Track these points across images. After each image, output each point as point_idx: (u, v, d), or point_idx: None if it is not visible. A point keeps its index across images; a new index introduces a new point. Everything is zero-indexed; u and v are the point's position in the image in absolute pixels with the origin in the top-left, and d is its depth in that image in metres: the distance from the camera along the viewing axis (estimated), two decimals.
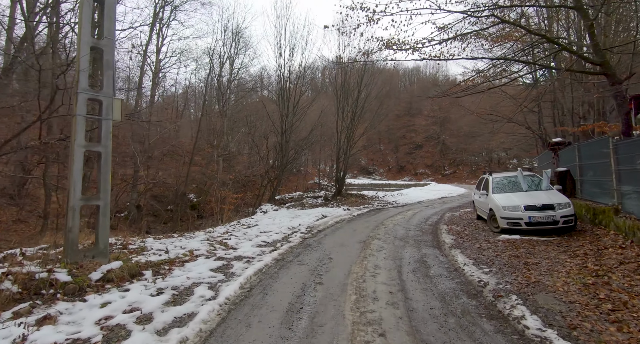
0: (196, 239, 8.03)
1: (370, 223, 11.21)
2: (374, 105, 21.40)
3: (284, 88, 19.80)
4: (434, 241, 8.28)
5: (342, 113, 19.71)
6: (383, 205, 18.86)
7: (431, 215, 13.02)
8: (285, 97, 19.61)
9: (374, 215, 13.34)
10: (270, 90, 27.67)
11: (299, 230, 9.63)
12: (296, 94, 19.96)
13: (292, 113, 19.73)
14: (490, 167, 53.89)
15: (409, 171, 64.86)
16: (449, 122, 60.49)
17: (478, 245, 7.47)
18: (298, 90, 19.96)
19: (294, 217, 12.77)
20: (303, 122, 21.51)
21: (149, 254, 6.34)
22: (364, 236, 8.87)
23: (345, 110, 19.87)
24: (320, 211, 14.71)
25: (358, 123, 19.96)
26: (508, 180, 9.48)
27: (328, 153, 37.69)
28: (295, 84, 19.88)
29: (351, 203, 19.04)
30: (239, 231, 9.62)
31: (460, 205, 17.68)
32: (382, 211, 14.72)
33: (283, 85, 19.77)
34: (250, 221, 12.04)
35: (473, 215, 11.96)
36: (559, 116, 16.78)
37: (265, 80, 27.28)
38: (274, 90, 21.62)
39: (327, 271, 5.79)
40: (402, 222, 11.20)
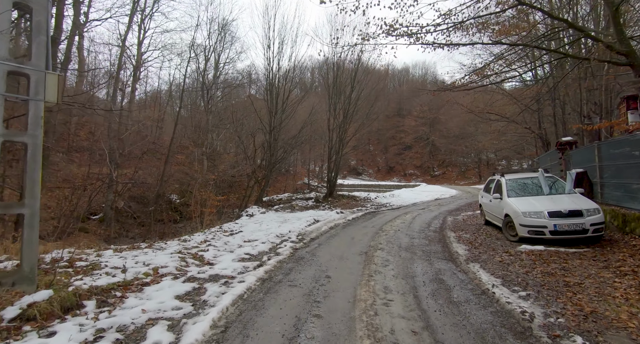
0: (166, 251, 6.68)
1: (368, 229, 10.03)
2: (367, 102, 20.29)
3: (272, 83, 18.50)
4: (444, 252, 7.15)
5: (334, 110, 18.53)
6: (377, 207, 17.75)
7: (432, 220, 11.93)
8: (273, 92, 18.30)
9: (370, 219, 12.18)
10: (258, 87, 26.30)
11: (289, 238, 8.37)
12: (285, 90, 18.68)
13: (282, 110, 18.44)
14: (495, 168, 53.63)
15: (398, 172, 64.23)
16: (438, 123, 60.09)
17: (499, 258, 6.35)
18: (288, 85, 18.69)
19: (283, 222, 11.51)
20: (293, 119, 20.25)
21: (101, 274, 4.99)
22: (364, 245, 7.68)
23: (337, 108, 18.70)
24: (311, 214, 13.48)
25: (351, 121, 18.81)
26: (524, 182, 8.44)
27: (318, 153, 36.48)
28: (284, 79, 18.61)
29: (344, 206, 17.86)
30: (220, 239, 8.30)
31: (457, 207, 16.70)
32: (378, 215, 13.58)
33: (272, 79, 18.47)
34: (233, 226, 10.72)
35: (479, 220, 10.92)
36: (561, 115, 15.98)
37: (253, 76, 25.90)
38: (262, 86, 20.32)
39: (326, 297, 4.56)
40: (403, 228, 10.05)
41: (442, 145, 58.28)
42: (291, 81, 18.57)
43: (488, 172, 53.42)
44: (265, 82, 19.04)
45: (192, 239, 8.40)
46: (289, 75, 18.22)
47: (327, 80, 19.06)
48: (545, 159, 15.39)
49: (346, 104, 18.41)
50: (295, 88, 18.73)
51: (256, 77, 27.46)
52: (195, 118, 28.37)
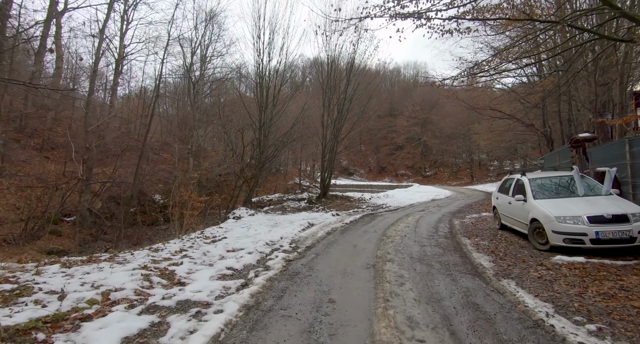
0: (129, 265, 5.36)
1: (370, 234, 8.84)
2: (363, 97, 19.15)
3: (262, 76, 17.20)
4: (465, 263, 6.00)
5: (328, 106, 17.33)
6: (374, 208, 16.60)
7: (437, 223, 10.82)
8: (263, 85, 17.01)
9: (370, 223, 11.00)
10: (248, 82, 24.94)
11: (281, 247, 7.13)
12: (277, 83, 17.41)
13: (272, 104, 17.16)
14: (487, 169, 53.16)
15: (389, 172, 63.45)
16: (430, 123, 59.51)
17: (535, 273, 5.23)
18: (279, 78, 17.43)
19: (274, 226, 10.24)
20: (284, 115, 18.97)
21: (27, 303, 3.68)
22: (370, 256, 6.48)
23: (332, 103, 17.51)
24: (305, 217, 12.24)
25: (346, 118, 17.64)
26: (551, 182, 7.34)
27: (310, 152, 35.26)
28: (275, 71, 17.34)
29: (338, 207, 16.67)
30: (199, 248, 6.99)
31: (458, 209, 15.67)
32: (378, 217, 12.42)
33: (262, 72, 17.17)
34: (217, 231, 9.40)
35: (491, 224, 9.85)
36: (568, 112, 15.10)
37: (242, 71, 24.53)
38: (251, 82, 18.99)
39: (332, 335, 3.34)
40: (408, 233, 8.90)
41: (434, 145, 57.70)
42: (282, 74, 17.30)
43: (480, 172, 52.97)
44: (255, 75, 17.74)
45: (166, 248, 7.07)
46: (280, 68, 16.95)
47: (322, 73, 17.83)
48: (552, 158, 14.47)
49: (341, 99, 17.23)
50: (286, 82, 17.50)
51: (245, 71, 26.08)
52: (180, 115, 26.86)
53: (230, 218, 13.92)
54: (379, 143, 66.03)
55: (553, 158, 14.07)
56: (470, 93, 19.94)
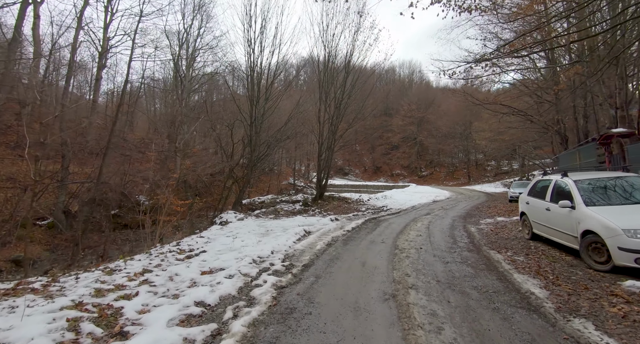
0: (58, 302, 3.83)
1: (378, 245, 7.41)
2: (362, 92, 17.72)
3: (253, 68, 15.69)
4: (509, 290, 4.58)
5: (325, 100, 15.88)
6: (375, 211, 15.20)
7: (450, 229, 9.44)
8: (254, 77, 15.50)
9: (375, 230, 9.56)
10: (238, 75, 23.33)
11: (271, 266, 5.65)
12: (269, 75, 15.92)
13: (264, 98, 15.66)
14: (484, 169, 52.09)
15: (385, 172, 62.26)
16: (426, 122, 58.44)
17: (615, 309, 3.82)
18: (272, 70, 15.94)
19: (265, 234, 8.76)
20: (277, 111, 17.48)
21: None
22: (385, 279, 5.04)
23: (329, 97, 16.06)
24: (300, 222, 10.78)
25: (344, 113, 16.21)
26: (606, 185, 5.95)
27: (304, 151, 33.79)
28: (268, 62, 15.84)
29: (336, 210, 15.24)
30: (168, 268, 5.49)
31: (467, 212, 14.35)
32: (382, 223, 10.99)
33: (253, 63, 15.66)
34: (196, 242, 7.89)
35: (514, 232, 8.49)
36: (583, 107, 13.84)
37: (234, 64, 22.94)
38: (242, 73, 17.43)
39: None
40: (423, 244, 7.48)
41: (431, 144, 56.64)
42: (276, 66, 15.83)
43: (477, 172, 51.94)
44: (246, 67, 16.22)
45: (127, 267, 5.56)
46: (273, 60, 15.43)
47: (318, 66, 16.36)
48: (569, 157, 13.20)
49: (339, 93, 15.79)
50: (279, 74, 16.02)
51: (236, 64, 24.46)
52: (168, 111, 25.18)
53: (216, 223, 12.42)
54: (375, 143, 64.82)
55: (571, 157, 12.78)
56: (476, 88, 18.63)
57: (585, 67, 12.29)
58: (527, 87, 15.03)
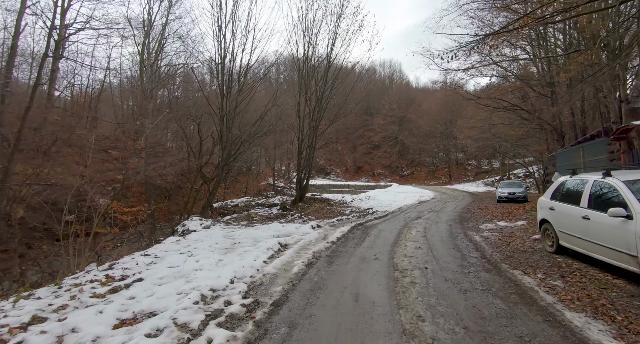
0: None
1: (371, 264, 5.80)
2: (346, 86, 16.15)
3: (224, 55, 13.83)
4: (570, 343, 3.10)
5: (305, 92, 14.19)
6: (360, 214, 13.68)
7: (451, 239, 7.99)
8: (225, 65, 13.65)
9: (365, 240, 7.97)
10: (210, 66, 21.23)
11: (227, 306, 3.93)
12: (242, 64, 14.11)
13: (237, 88, 13.84)
14: (465, 168, 51.67)
15: (366, 172, 61.26)
16: (407, 122, 57.77)
17: None
18: (245, 58, 14.11)
19: (229, 250, 7.02)
20: (252, 104, 15.67)
21: None
22: (391, 328, 3.40)
23: (309, 90, 14.39)
24: (276, 230, 9.08)
25: (326, 107, 14.59)
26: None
27: (284, 150, 31.97)
28: (241, 50, 14.03)
29: (318, 214, 13.62)
30: (69, 315, 3.68)
31: (458, 214, 13.09)
32: (371, 230, 9.42)
33: (224, 50, 13.79)
34: (137, 263, 6.04)
35: (528, 241, 7.11)
36: (581, 103, 12.79)
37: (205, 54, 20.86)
38: (212, 61, 15.39)
39: None
40: (427, 260, 5.94)
41: (412, 143, 56.01)
42: (250, 53, 14.03)
43: (458, 171, 51.57)
44: (216, 54, 14.33)
45: (15, 309, 3.72)
46: (247, 45, 13.62)
47: (297, 54, 14.65)
48: (570, 154, 12.09)
49: (321, 85, 14.14)
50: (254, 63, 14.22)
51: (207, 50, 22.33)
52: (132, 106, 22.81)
53: (177, 232, 10.55)
54: (356, 142, 63.72)
55: (573, 155, 11.64)
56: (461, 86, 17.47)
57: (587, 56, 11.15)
58: (522, 79, 13.90)
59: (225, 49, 13.85)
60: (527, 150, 27.93)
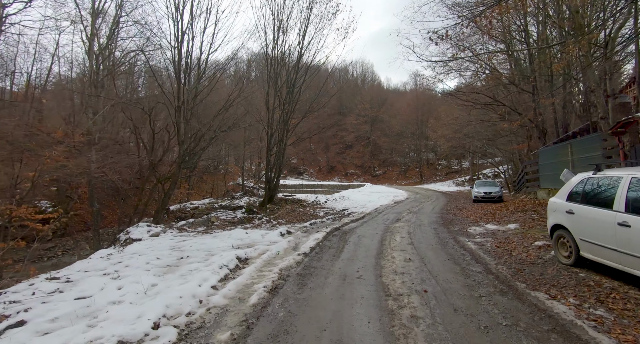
0: None
1: (354, 286, 4.45)
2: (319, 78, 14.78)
3: (181, 37, 12.05)
4: None
5: (275, 81, 12.66)
6: (335, 216, 12.39)
7: (441, 246, 6.83)
8: (183, 48, 11.89)
9: (343, 251, 6.63)
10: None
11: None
12: (203, 48, 12.38)
13: (197, 74, 12.11)
14: (435, 167, 51.80)
15: (339, 171, 60.41)
16: (380, 122, 57.50)
17: None
18: (207, 42, 12.38)
19: (170, 269, 5.43)
20: (216, 95, 13.95)
21: None
22: None
23: (280, 79, 12.87)
24: (237, 239, 7.55)
25: (298, 98, 13.14)
26: None
27: (255, 148, 30.12)
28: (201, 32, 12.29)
29: (290, 217, 12.17)
30: None
31: (439, 216, 12.14)
32: (350, 237, 8.10)
33: (181, 31, 12.00)
34: (34, 292, 4.34)
35: (529, 249, 6.07)
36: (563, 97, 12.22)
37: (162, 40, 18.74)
38: (166, 44, 13.35)
39: None
40: (424, 280, 4.68)
41: (384, 143, 55.84)
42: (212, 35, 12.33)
43: (429, 171, 51.77)
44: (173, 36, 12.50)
45: None
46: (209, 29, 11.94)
47: (266, 39, 13.01)
48: (553, 152, 11.46)
49: (292, 75, 12.67)
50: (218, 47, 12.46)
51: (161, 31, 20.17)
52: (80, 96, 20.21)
53: (119, 241, 8.75)
54: (329, 142, 62.75)
55: (559, 152, 10.99)
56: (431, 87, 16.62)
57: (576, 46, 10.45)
58: (503, 75, 13.18)
59: (182, 31, 12.08)
60: (499, 149, 27.93)
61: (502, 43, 13.52)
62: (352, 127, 59.11)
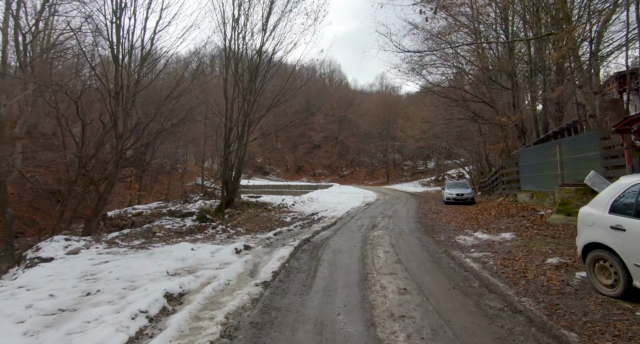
0: None
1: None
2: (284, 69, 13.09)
3: (120, 12, 9.88)
4: None
5: (235, 67, 10.79)
6: (304, 223, 10.82)
7: (435, 264, 5.51)
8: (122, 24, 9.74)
9: (316, 276, 5.05)
10: None
11: None
12: (147, 24, 10.30)
13: (140, 56, 10.02)
14: (401, 168, 51.58)
15: (307, 171, 58.91)
16: (347, 122, 56.77)
17: None
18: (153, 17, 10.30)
19: (59, 317, 3.55)
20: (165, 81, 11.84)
21: None
22: None
23: (242, 64, 11.03)
24: (177, 260, 5.74)
25: (263, 87, 11.39)
26: None
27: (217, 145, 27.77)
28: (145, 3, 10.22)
29: (252, 224, 10.43)
30: None
31: (417, 221, 11.03)
32: (323, 252, 6.56)
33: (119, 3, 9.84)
34: None
35: (547, 271, 4.86)
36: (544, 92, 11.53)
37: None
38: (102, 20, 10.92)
39: None
40: (436, 328, 3.26)
41: (352, 143, 55.20)
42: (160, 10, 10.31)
43: (395, 172, 51.62)
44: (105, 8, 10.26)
45: None
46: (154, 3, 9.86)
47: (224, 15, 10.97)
48: (537, 153, 10.68)
49: (255, 58, 10.89)
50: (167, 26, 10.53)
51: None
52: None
53: (25, 261, 6.62)
54: (297, 141, 61.07)
55: (544, 152, 10.18)
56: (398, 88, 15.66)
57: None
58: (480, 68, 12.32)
59: (121, 3, 9.92)
60: (466, 150, 27.77)
61: (476, 35, 12.67)
62: (320, 127, 57.90)
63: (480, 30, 12.29)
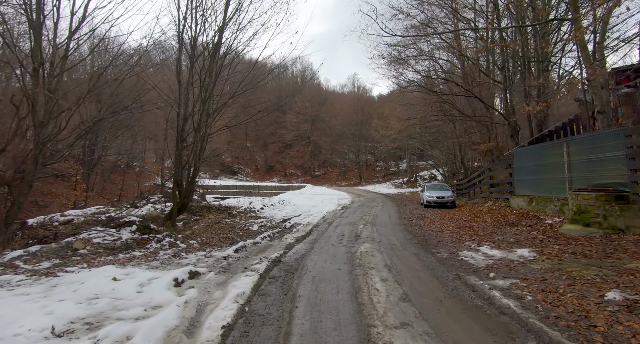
0: None
1: None
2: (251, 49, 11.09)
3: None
4: None
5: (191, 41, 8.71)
6: (274, 232, 9.00)
7: (459, 305, 3.97)
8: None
9: (291, 334, 3.34)
10: None
11: None
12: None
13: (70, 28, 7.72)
14: (374, 169, 50.61)
15: (278, 171, 56.72)
16: (320, 121, 55.25)
17: None
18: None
19: None
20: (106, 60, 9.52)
21: None
22: None
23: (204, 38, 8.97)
24: (83, 300, 3.78)
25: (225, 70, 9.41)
26: None
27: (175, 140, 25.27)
28: None
29: (209, 235, 8.44)
30: None
31: (404, 228, 9.60)
32: (299, 282, 4.80)
33: None
34: None
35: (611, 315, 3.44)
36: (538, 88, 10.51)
37: None
38: None
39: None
40: None
41: (325, 143, 53.76)
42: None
43: (367, 173, 50.71)
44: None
45: None
46: None
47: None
48: (536, 153, 9.55)
49: (216, 35, 8.89)
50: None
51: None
52: None
53: None
54: (267, 140, 58.68)
55: (546, 153, 9.02)
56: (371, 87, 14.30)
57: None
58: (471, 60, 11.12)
59: None
60: (441, 151, 27.08)
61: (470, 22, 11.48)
62: (292, 125, 55.99)
63: (470, 19, 11.12)
